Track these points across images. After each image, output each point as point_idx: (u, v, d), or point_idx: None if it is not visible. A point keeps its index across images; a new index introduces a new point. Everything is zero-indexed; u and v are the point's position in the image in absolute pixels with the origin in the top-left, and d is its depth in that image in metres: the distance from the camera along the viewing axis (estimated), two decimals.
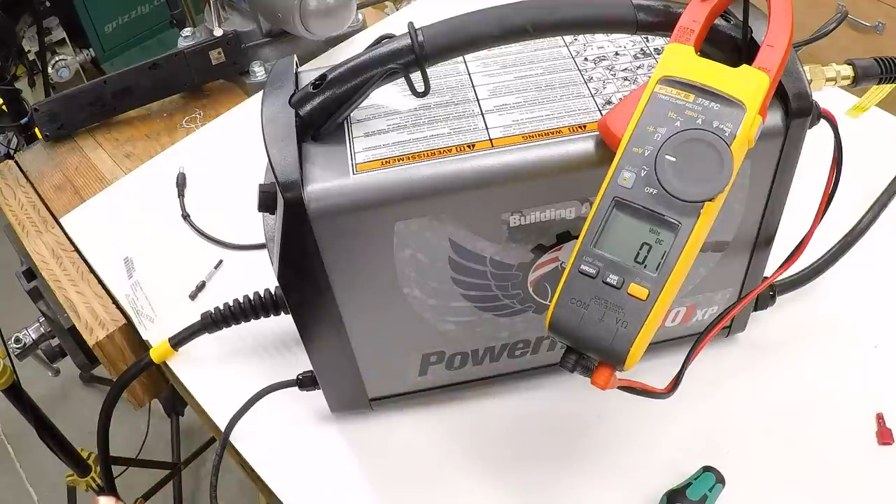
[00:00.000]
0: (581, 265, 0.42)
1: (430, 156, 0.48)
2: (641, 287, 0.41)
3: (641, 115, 0.43)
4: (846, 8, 1.37)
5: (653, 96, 0.43)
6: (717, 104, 0.42)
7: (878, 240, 0.73)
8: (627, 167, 0.42)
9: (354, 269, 0.52)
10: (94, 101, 0.97)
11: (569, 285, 0.42)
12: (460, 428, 0.66)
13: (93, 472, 1.24)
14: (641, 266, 0.41)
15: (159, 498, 1.48)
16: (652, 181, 0.42)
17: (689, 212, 0.41)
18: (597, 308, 0.41)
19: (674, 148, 0.42)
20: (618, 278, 0.41)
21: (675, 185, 0.41)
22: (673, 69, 0.44)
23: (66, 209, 0.90)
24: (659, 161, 0.42)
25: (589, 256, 0.42)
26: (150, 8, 1.97)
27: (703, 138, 0.42)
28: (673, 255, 0.41)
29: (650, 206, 0.42)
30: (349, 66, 0.48)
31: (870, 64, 0.61)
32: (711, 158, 0.41)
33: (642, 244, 0.42)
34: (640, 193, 0.42)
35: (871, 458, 0.61)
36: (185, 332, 0.70)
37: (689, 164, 0.41)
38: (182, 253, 0.82)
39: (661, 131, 0.42)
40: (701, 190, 0.41)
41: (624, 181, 0.42)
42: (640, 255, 0.41)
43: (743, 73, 0.43)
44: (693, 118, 0.42)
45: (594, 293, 0.42)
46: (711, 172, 0.41)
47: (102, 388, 1.74)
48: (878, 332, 0.69)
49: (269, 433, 0.67)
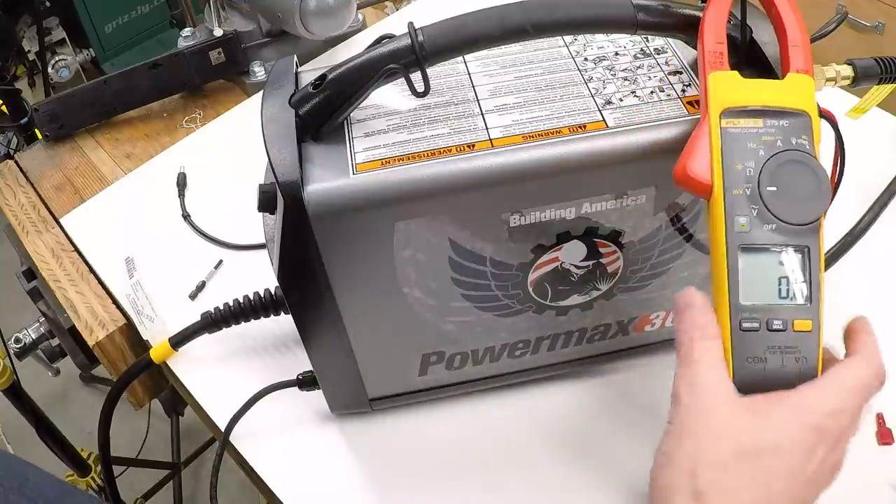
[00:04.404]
0: (741, 323, 0.42)
1: (430, 156, 0.48)
2: (804, 321, 0.42)
3: (722, 154, 0.43)
4: (846, 8, 1.37)
5: (725, 132, 0.43)
6: (786, 121, 0.43)
7: (878, 240, 0.73)
8: (738, 211, 0.43)
9: (354, 269, 0.52)
10: (94, 101, 0.97)
11: (738, 347, 0.42)
12: (460, 428, 0.66)
13: (93, 472, 1.24)
14: (788, 300, 0.42)
15: (159, 498, 1.48)
16: (766, 217, 0.42)
17: (810, 232, 0.42)
18: (774, 357, 0.42)
19: (770, 177, 0.42)
20: (781, 321, 0.42)
21: (788, 213, 0.42)
22: (728, 100, 0.44)
23: (66, 209, 0.90)
24: (764, 195, 0.42)
25: (744, 312, 0.42)
26: (150, 8, 1.98)
27: (792, 158, 0.42)
28: (815, 279, 0.42)
29: (776, 241, 0.42)
30: (349, 66, 0.48)
31: (870, 64, 0.61)
32: (807, 174, 0.42)
33: (780, 278, 0.42)
34: (760, 233, 0.42)
35: (871, 458, 0.61)
36: (185, 332, 0.70)
37: (791, 188, 0.42)
38: (182, 253, 0.82)
39: (751, 165, 0.43)
40: (812, 208, 0.42)
41: (742, 227, 0.43)
42: (782, 290, 0.42)
43: (791, 81, 0.44)
44: (773, 142, 0.43)
45: (766, 344, 0.42)
46: (812, 188, 0.42)
47: (102, 388, 1.74)
48: (878, 332, 0.68)
49: (269, 433, 0.67)
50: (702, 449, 0.40)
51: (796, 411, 0.41)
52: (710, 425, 0.40)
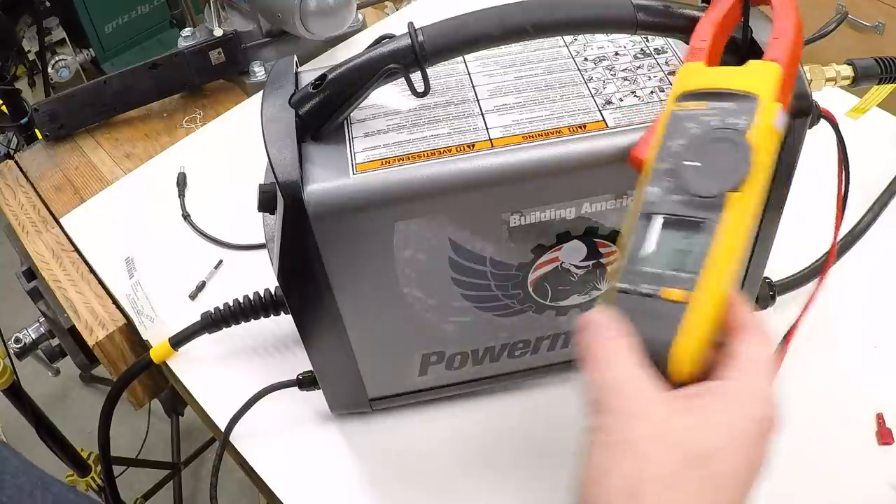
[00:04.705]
0: (620, 283, 0.42)
1: (430, 156, 0.48)
2: (674, 290, 0.40)
3: (664, 134, 0.43)
4: (846, 8, 1.37)
5: (671, 115, 0.44)
6: (730, 103, 0.43)
7: (879, 240, 0.73)
8: (654, 184, 0.43)
9: (354, 269, 0.52)
10: (94, 101, 0.97)
11: (610, 304, 0.42)
12: (461, 428, 0.66)
13: (93, 472, 1.24)
14: (673, 270, 0.41)
15: (159, 498, 1.48)
16: (676, 189, 0.42)
17: (712, 207, 0.41)
18: (640, 322, 0.40)
19: (694, 153, 0.42)
20: (651, 287, 0.41)
21: (696, 186, 0.41)
22: (685, 85, 0.44)
23: (66, 209, 0.90)
24: (682, 169, 0.42)
25: (628, 274, 0.42)
26: (150, 8, 1.98)
27: (720, 136, 0.42)
28: (703, 253, 0.40)
29: (676, 211, 0.42)
30: (349, 66, 0.48)
31: (870, 64, 0.61)
32: (729, 153, 0.41)
33: (676, 251, 0.41)
34: (667, 203, 0.42)
35: (871, 458, 0.61)
36: (185, 332, 0.70)
37: (710, 164, 0.42)
38: (182, 253, 0.82)
39: (682, 143, 0.43)
40: (720, 183, 0.41)
41: (652, 196, 0.42)
42: (674, 262, 0.41)
43: (750, 67, 0.44)
44: (708, 122, 0.43)
45: (635, 307, 0.41)
46: (730, 164, 0.41)
47: (102, 388, 1.74)
48: (878, 332, 0.69)
49: (269, 433, 0.67)
50: (642, 461, 0.34)
51: (737, 403, 0.36)
52: (648, 432, 0.35)
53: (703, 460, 0.34)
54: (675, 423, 0.35)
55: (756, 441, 0.36)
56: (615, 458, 0.35)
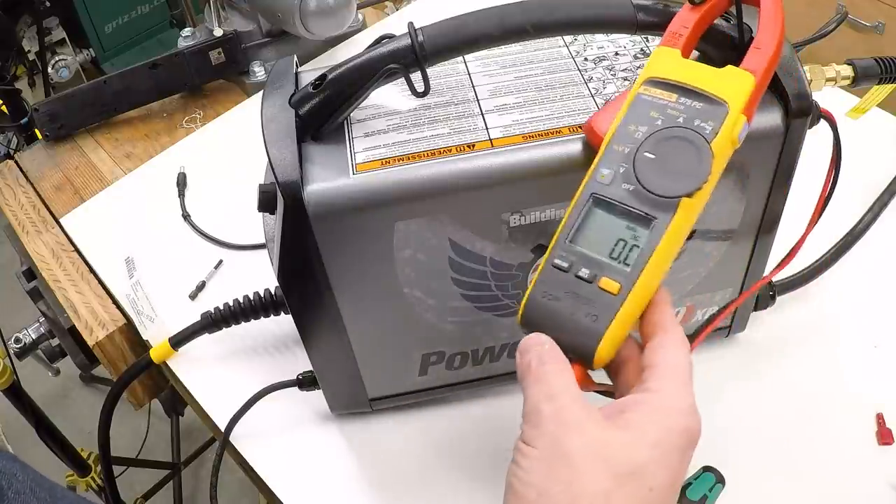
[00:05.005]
0: (555, 259, 0.42)
1: (430, 156, 0.48)
2: (613, 281, 0.40)
3: (625, 115, 0.43)
4: (846, 8, 1.37)
5: (636, 97, 0.44)
6: (700, 103, 0.42)
7: (878, 240, 0.73)
8: (607, 164, 0.42)
9: (354, 268, 0.52)
10: (94, 101, 0.97)
11: (542, 279, 0.42)
12: (461, 428, 0.66)
13: (93, 472, 1.24)
14: (616, 261, 0.41)
15: (159, 498, 1.48)
16: (629, 178, 0.42)
17: (665, 207, 0.41)
18: (568, 302, 0.41)
19: (653, 145, 0.42)
20: (590, 272, 0.41)
21: (651, 181, 0.41)
22: (657, 71, 0.44)
23: (66, 209, 0.90)
24: (638, 158, 0.42)
25: (564, 251, 0.42)
26: (150, 8, 1.98)
27: (683, 136, 0.42)
28: (647, 251, 0.40)
29: (626, 202, 0.41)
30: (349, 66, 0.48)
31: (870, 64, 0.61)
32: (690, 155, 0.41)
33: (618, 240, 0.41)
34: (617, 190, 0.42)
35: (871, 458, 0.61)
36: (185, 332, 0.70)
37: (668, 161, 0.41)
38: (182, 253, 0.82)
39: (643, 129, 0.42)
40: (677, 185, 0.41)
41: (602, 178, 0.42)
42: (615, 251, 0.41)
43: (727, 73, 0.43)
44: (674, 117, 0.42)
45: (566, 287, 0.41)
46: (689, 169, 0.41)
47: (102, 388, 1.74)
48: (878, 332, 0.69)
49: (269, 433, 0.67)
50: (579, 479, 0.35)
51: (662, 415, 0.37)
52: (584, 449, 0.36)
53: (636, 476, 0.35)
54: (609, 439, 0.36)
55: (682, 452, 0.37)
56: (553, 474, 0.36)
